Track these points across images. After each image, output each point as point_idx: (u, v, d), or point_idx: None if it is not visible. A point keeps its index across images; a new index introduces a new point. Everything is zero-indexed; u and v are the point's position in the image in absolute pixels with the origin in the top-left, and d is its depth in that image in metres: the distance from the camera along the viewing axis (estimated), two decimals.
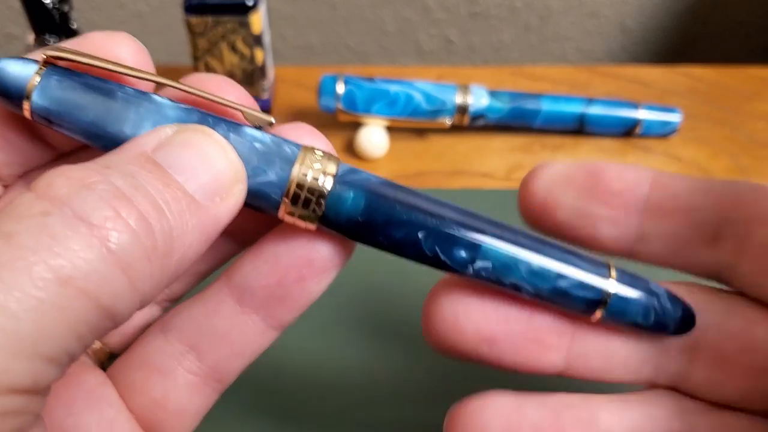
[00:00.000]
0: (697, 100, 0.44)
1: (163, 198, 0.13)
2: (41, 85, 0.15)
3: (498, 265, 0.16)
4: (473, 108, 0.39)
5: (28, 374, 0.11)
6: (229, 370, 0.17)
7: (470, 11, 0.71)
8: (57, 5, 0.34)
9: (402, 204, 0.16)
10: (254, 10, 0.37)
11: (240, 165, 0.15)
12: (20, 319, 0.11)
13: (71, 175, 0.13)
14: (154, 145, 0.14)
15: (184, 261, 0.14)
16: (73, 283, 0.11)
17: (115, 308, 0.12)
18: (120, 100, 0.15)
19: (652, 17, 0.72)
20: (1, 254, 0.11)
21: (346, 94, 0.38)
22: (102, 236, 0.12)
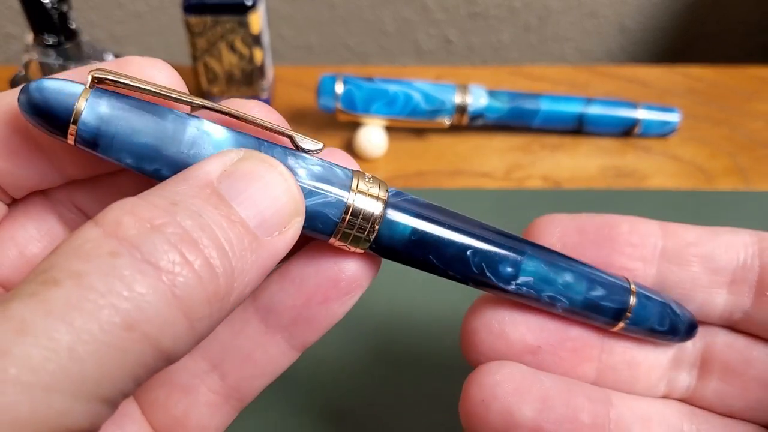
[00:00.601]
0: (696, 100, 0.44)
1: (227, 238, 0.13)
2: (91, 106, 0.14)
3: (538, 280, 0.17)
4: (472, 108, 0.39)
5: (87, 416, 0.11)
6: (250, 389, 0.17)
7: (469, 11, 0.71)
8: (56, 5, 0.34)
9: (449, 225, 0.17)
10: (253, 10, 0.37)
11: (300, 197, 0.15)
12: (84, 362, 0.11)
13: (140, 214, 0.13)
14: (219, 172, 0.14)
15: (241, 298, 0.14)
16: (138, 327, 0.12)
17: (173, 350, 0.13)
18: (173, 122, 0.15)
19: (651, 17, 0.72)
20: (70, 295, 0.11)
21: (345, 94, 0.38)
22: (169, 281, 0.12)
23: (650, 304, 0.18)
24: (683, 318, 0.19)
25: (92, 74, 0.14)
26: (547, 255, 0.18)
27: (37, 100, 0.14)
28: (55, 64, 0.35)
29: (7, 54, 0.70)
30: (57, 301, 0.11)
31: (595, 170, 0.39)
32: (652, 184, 0.39)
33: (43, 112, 0.14)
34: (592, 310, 0.18)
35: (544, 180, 0.39)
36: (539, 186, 0.39)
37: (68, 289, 0.11)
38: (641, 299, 0.18)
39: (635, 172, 0.39)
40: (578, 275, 0.18)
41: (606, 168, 0.39)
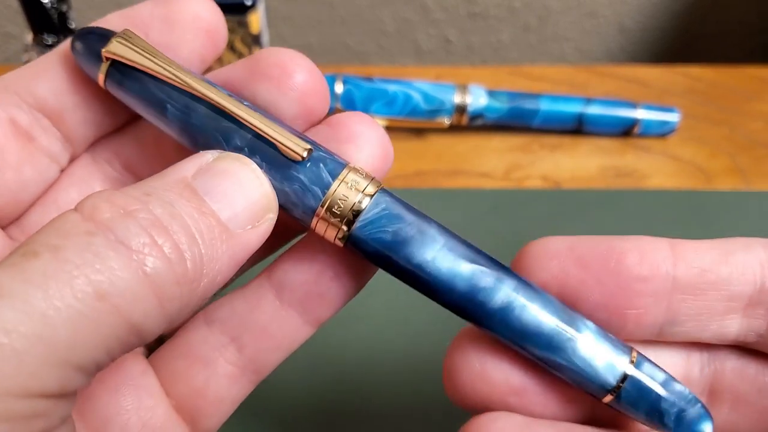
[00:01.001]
0: (695, 100, 0.44)
1: (197, 227, 0.14)
2: (110, 79, 0.16)
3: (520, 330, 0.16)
4: (472, 108, 0.39)
5: (57, 381, 0.12)
6: (266, 362, 0.18)
7: (469, 11, 0.71)
8: (55, 5, 0.34)
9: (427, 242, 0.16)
10: (253, 10, 0.37)
11: (273, 195, 0.15)
12: (57, 327, 0.12)
13: (115, 201, 0.13)
14: (194, 170, 0.15)
15: (212, 286, 0.14)
16: (109, 299, 0.12)
17: (143, 326, 0.13)
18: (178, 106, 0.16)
19: (650, 17, 0.72)
20: (47, 265, 0.12)
21: (344, 94, 0.38)
22: (139, 260, 0.13)
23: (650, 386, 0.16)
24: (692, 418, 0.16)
25: (105, 54, 0.16)
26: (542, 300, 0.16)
27: (78, 48, 0.17)
28: None
29: (6, 54, 0.70)
30: (34, 270, 0.12)
31: (594, 170, 0.39)
32: (651, 184, 0.39)
33: (81, 60, 0.17)
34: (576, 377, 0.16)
35: (544, 180, 0.39)
36: (539, 186, 0.39)
37: (46, 261, 0.12)
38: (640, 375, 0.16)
39: (635, 172, 0.39)
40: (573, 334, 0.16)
41: (605, 168, 0.39)
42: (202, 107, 0.16)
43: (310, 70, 0.17)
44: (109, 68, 0.16)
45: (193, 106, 0.16)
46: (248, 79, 0.17)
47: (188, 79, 0.16)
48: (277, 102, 0.16)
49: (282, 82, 0.16)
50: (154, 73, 0.16)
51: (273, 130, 0.16)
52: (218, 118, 0.16)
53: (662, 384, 0.16)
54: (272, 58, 0.17)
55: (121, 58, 0.16)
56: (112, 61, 0.16)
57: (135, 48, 0.16)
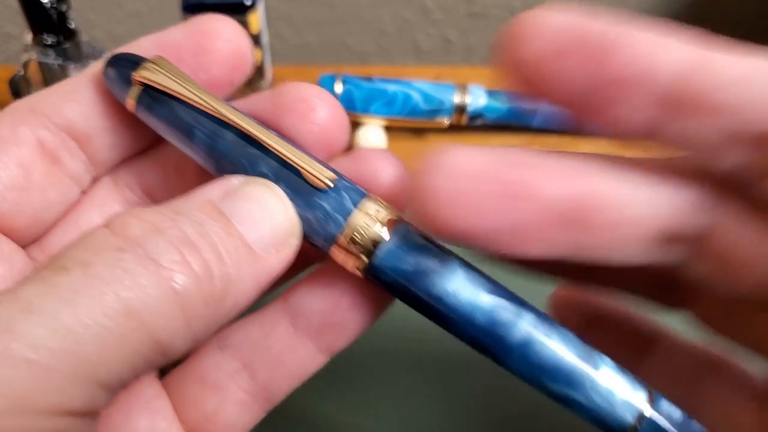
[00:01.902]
0: None
1: (225, 247, 0.14)
2: (139, 109, 0.17)
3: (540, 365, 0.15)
4: (471, 108, 0.39)
5: (83, 398, 0.12)
6: (278, 390, 0.18)
7: (469, 11, 0.71)
8: (55, 5, 0.34)
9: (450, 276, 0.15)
10: (252, 10, 0.37)
11: (296, 219, 0.16)
12: (85, 344, 0.12)
13: (145, 218, 0.14)
14: (221, 194, 0.15)
15: (237, 306, 0.14)
16: (138, 316, 0.12)
17: (169, 344, 0.13)
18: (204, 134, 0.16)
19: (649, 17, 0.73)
20: (77, 281, 0.12)
21: (344, 94, 0.38)
22: (168, 277, 0.13)
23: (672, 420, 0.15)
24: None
25: (136, 78, 0.16)
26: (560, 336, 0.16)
27: (109, 74, 0.17)
28: (54, 63, 0.35)
29: (6, 54, 0.70)
30: (64, 286, 0.12)
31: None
32: None
33: (111, 86, 0.17)
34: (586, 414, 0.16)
35: None
36: None
37: (75, 276, 0.12)
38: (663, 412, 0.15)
39: None
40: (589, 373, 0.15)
41: None
42: (229, 133, 0.16)
43: (332, 105, 0.17)
44: (139, 93, 0.16)
45: (221, 132, 0.16)
46: (272, 111, 0.17)
47: (217, 106, 0.16)
48: (300, 135, 0.17)
49: (306, 117, 0.17)
50: (184, 99, 0.16)
51: (299, 158, 0.16)
52: (245, 145, 0.16)
53: (679, 425, 0.15)
54: (296, 93, 0.17)
55: (152, 83, 0.16)
56: (143, 86, 0.16)
57: (166, 73, 0.16)
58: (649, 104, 0.14)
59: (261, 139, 0.16)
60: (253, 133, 0.16)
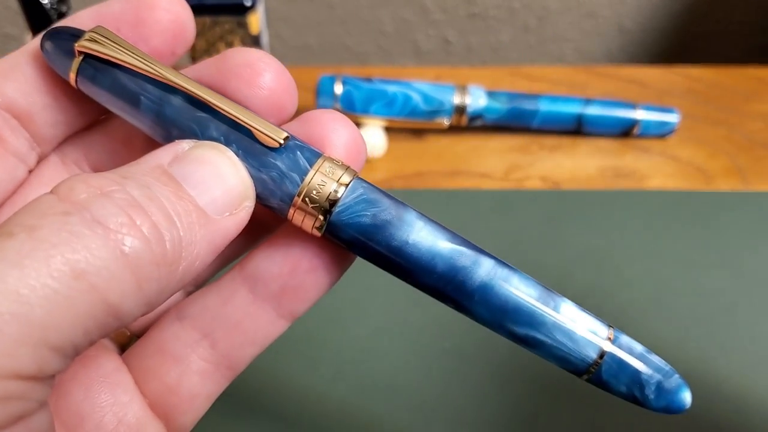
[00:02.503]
0: (694, 101, 0.44)
1: (175, 210, 0.14)
2: (81, 77, 0.16)
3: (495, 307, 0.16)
4: (471, 108, 0.39)
5: (33, 361, 0.12)
6: (240, 357, 0.18)
7: (468, 12, 0.71)
8: (55, 5, 0.34)
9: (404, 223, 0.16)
10: (252, 11, 0.37)
11: (249, 182, 0.16)
12: (32, 306, 0.12)
13: (91, 183, 0.13)
14: (170, 158, 0.15)
15: (191, 270, 0.14)
16: (86, 277, 0.12)
17: (121, 307, 0.13)
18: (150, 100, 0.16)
19: (649, 18, 0.73)
20: (23, 244, 0.12)
21: (344, 95, 0.38)
22: (116, 239, 0.13)
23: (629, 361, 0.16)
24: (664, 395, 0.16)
25: (78, 49, 0.16)
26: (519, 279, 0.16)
27: (47, 47, 0.16)
28: None
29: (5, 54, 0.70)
30: (10, 250, 0.12)
31: (594, 171, 0.39)
32: (650, 184, 0.39)
33: (51, 60, 0.16)
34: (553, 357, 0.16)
35: (543, 180, 0.39)
36: (538, 186, 0.39)
37: (21, 240, 0.12)
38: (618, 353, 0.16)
39: (634, 172, 0.39)
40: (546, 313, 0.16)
41: (605, 168, 0.39)
42: (176, 98, 0.16)
43: (278, 69, 0.17)
44: (80, 64, 0.16)
45: (167, 97, 0.16)
46: (217, 77, 0.17)
47: (163, 71, 0.16)
48: (247, 100, 0.17)
49: (252, 82, 0.17)
50: (128, 66, 0.16)
51: (249, 118, 0.16)
52: (193, 109, 0.16)
53: (640, 357, 0.16)
54: (240, 58, 0.17)
55: (95, 52, 0.16)
56: (84, 57, 0.16)
57: (108, 42, 0.16)
58: None
59: (209, 101, 0.16)
60: (201, 96, 0.16)
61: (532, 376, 0.29)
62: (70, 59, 0.16)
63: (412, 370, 0.29)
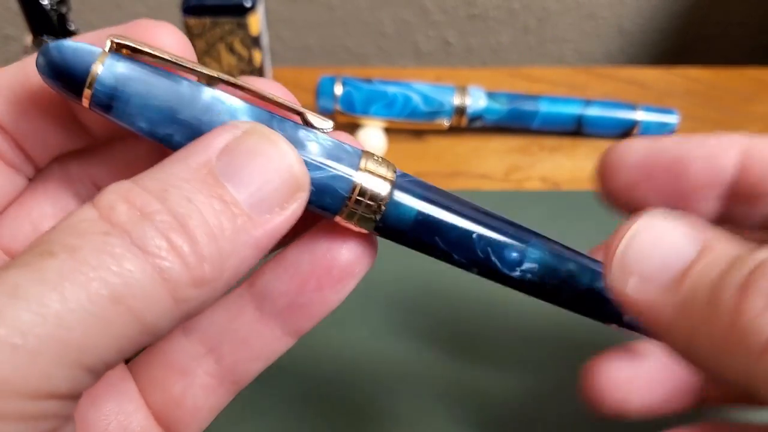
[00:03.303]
0: (694, 102, 0.44)
1: (218, 223, 0.13)
2: (108, 68, 0.14)
3: (542, 268, 0.17)
4: (471, 109, 0.39)
5: (68, 381, 0.12)
6: (245, 373, 0.18)
7: (468, 13, 0.71)
8: (55, 6, 0.34)
9: (455, 208, 0.17)
10: (252, 12, 0.37)
11: (304, 172, 0.15)
12: (70, 330, 0.12)
13: (132, 200, 0.13)
14: (221, 147, 0.14)
15: (236, 275, 0.14)
16: (124, 301, 0.12)
17: (156, 326, 0.13)
18: (188, 89, 0.15)
19: (649, 19, 0.73)
20: (64, 266, 0.12)
21: (344, 96, 0.38)
22: (155, 263, 0.13)
23: None
24: None
25: (111, 39, 0.15)
26: (551, 244, 0.18)
27: (56, 60, 0.14)
28: None
29: (6, 55, 0.70)
30: (50, 271, 0.12)
31: (594, 172, 0.39)
32: None
33: (61, 73, 0.14)
34: (596, 302, 0.18)
35: (543, 181, 0.39)
36: (538, 187, 0.39)
37: (62, 261, 0.12)
38: None
39: None
40: (582, 266, 0.17)
41: None
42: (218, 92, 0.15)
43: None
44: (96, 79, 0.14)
45: (206, 92, 0.15)
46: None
47: (200, 68, 0.15)
48: None
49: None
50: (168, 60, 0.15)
51: (294, 104, 0.16)
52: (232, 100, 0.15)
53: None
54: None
55: (138, 44, 0.15)
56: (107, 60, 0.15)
57: (137, 42, 0.15)
58: (719, 197, 0.18)
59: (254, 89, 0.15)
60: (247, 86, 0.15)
61: (538, 377, 0.29)
62: (82, 75, 0.14)
63: (412, 371, 0.29)
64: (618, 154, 0.20)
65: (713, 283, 0.14)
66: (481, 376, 0.29)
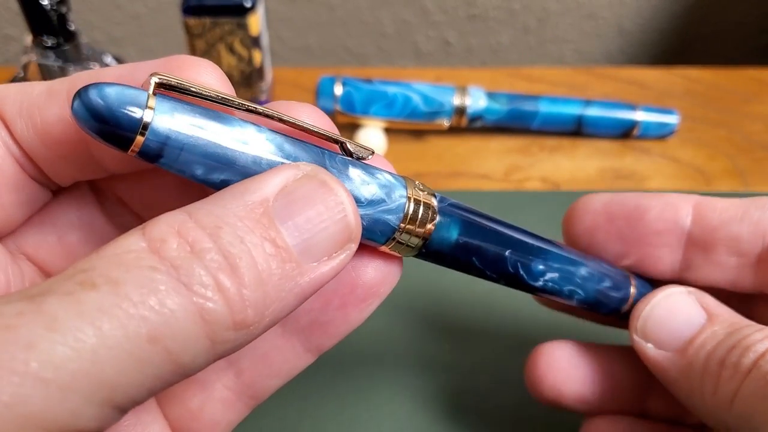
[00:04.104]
0: (694, 102, 0.44)
1: (267, 266, 0.13)
2: (159, 116, 0.13)
3: (562, 275, 0.19)
4: (471, 109, 0.39)
5: (97, 420, 0.12)
6: (264, 388, 0.18)
7: (468, 13, 0.71)
8: (55, 7, 0.34)
9: (490, 228, 0.18)
10: (252, 12, 0.37)
11: (357, 223, 0.15)
12: (104, 366, 0.11)
13: (185, 235, 0.13)
14: (278, 189, 0.14)
15: (275, 321, 0.14)
16: (162, 341, 0.12)
17: (191, 367, 0.13)
18: (240, 133, 0.14)
19: (649, 19, 0.73)
20: (104, 300, 0.12)
21: (344, 96, 0.38)
22: (198, 303, 0.12)
23: (645, 292, 0.21)
24: None
25: (155, 79, 0.13)
26: (565, 251, 0.19)
27: (99, 108, 0.13)
28: (54, 65, 0.35)
29: (6, 55, 0.70)
30: (91, 304, 0.12)
31: (593, 172, 0.39)
32: (650, 185, 0.39)
33: (106, 121, 0.13)
34: (602, 300, 0.20)
35: (543, 182, 0.39)
36: (538, 188, 0.39)
37: (103, 294, 0.12)
38: (639, 289, 0.20)
39: (634, 173, 0.39)
40: (591, 269, 0.19)
41: (605, 170, 0.39)
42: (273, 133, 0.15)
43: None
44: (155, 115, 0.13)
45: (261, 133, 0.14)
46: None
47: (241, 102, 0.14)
48: None
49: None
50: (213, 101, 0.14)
51: (335, 134, 0.16)
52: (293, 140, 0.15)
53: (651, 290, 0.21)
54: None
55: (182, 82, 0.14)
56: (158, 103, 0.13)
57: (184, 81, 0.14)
58: (677, 245, 0.20)
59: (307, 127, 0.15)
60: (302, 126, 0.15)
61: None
62: (131, 122, 0.13)
63: (412, 372, 0.29)
64: (582, 203, 0.22)
65: (707, 356, 0.18)
66: (482, 375, 0.29)
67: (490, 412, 0.28)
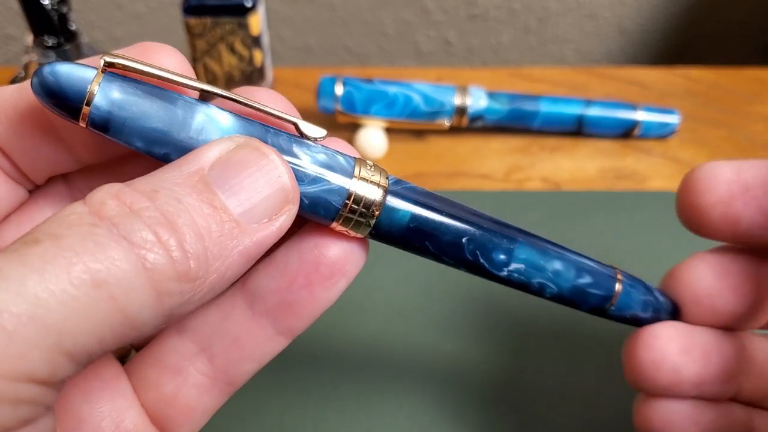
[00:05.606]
0: (695, 102, 0.44)
1: (205, 224, 0.14)
2: (103, 90, 0.14)
3: (529, 267, 0.18)
4: (472, 109, 0.39)
5: (46, 365, 0.12)
6: (238, 373, 0.18)
7: (469, 13, 0.71)
8: (56, 6, 0.34)
9: (446, 212, 0.17)
10: (253, 12, 0.37)
11: (294, 186, 0.15)
12: (49, 311, 0.12)
13: (122, 198, 0.13)
14: (214, 159, 0.15)
15: (222, 281, 0.14)
16: (106, 287, 0.12)
17: (138, 319, 0.13)
18: (182, 108, 0.15)
19: (650, 19, 0.73)
20: (47, 251, 0.12)
21: (344, 96, 0.38)
22: (140, 254, 0.13)
23: (634, 292, 0.20)
24: (666, 305, 0.20)
25: (104, 59, 0.15)
26: (538, 243, 0.18)
27: (50, 83, 0.14)
28: None
29: (6, 55, 0.70)
30: (33, 256, 0.12)
31: (594, 172, 0.39)
32: (651, 185, 0.39)
33: (56, 95, 0.14)
34: (579, 296, 0.19)
35: (544, 182, 0.39)
36: (539, 188, 0.39)
37: (45, 247, 0.12)
38: (626, 287, 0.19)
39: (635, 173, 0.39)
40: (567, 263, 0.19)
41: (605, 170, 0.39)
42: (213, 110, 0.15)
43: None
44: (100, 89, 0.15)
45: (201, 111, 0.15)
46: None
47: (189, 81, 0.15)
48: None
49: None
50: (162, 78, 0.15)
51: (288, 114, 0.16)
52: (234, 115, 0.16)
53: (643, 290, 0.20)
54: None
55: (131, 61, 0.15)
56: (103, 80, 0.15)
57: (132, 60, 0.15)
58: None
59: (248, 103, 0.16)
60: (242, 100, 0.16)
61: (535, 377, 0.29)
62: (79, 95, 0.14)
63: (412, 373, 0.29)
64: (707, 171, 0.19)
65: None
66: (481, 374, 0.29)
67: (492, 414, 0.28)
